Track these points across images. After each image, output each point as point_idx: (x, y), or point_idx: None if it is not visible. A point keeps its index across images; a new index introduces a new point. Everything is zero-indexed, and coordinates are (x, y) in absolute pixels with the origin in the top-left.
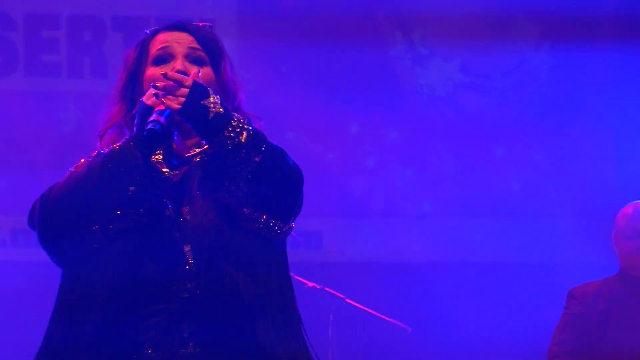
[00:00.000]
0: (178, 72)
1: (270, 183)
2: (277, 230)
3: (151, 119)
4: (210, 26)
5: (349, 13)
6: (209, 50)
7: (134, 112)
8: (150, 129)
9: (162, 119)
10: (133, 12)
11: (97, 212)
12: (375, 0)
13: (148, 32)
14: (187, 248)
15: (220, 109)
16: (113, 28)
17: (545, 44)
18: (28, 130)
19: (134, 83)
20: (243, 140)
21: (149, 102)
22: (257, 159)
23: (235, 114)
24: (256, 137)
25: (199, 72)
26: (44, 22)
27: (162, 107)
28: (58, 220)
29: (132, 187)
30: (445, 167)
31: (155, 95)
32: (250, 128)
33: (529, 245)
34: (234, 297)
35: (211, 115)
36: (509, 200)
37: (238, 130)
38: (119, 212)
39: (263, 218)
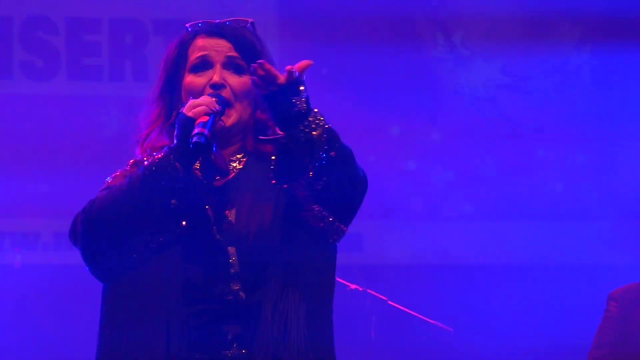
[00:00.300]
0: (215, 84)
1: (342, 182)
2: (339, 232)
3: (196, 131)
4: (251, 23)
5: (391, 15)
6: (248, 57)
7: (173, 119)
8: (196, 142)
9: (206, 132)
10: (174, 15)
11: (140, 225)
12: (417, 2)
13: (189, 28)
14: (231, 250)
15: (304, 104)
16: (154, 31)
17: (587, 45)
18: (70, 133)
19: (172, 87)
20: (319, 135)
21: (189, 114)
22: (332, 154)
23: (314, 109)
24: (332, 134)
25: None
26: (85, 26)
27: (204, 119)
28: (101, 235)
29: (174, 200)
30: (487, 168)
31: (217, 98)
32: (326, 124)
33: (571, 247)
34: (278, 299)
35: (295, 108)
36: (550, 202)
37: (314, 125)
38: (161, 225)
39: (330, 218)
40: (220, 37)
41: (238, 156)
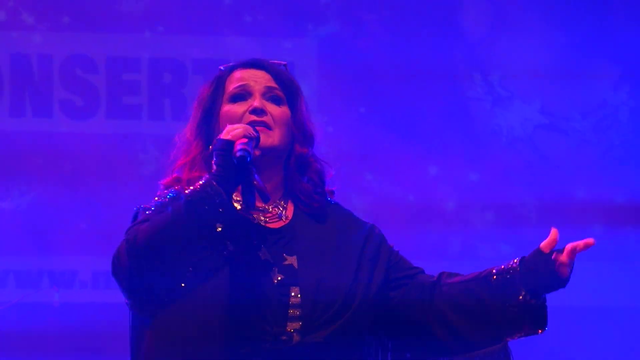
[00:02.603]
0: (256, 109)
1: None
2: None
3: (239, 147)
4: (284, 65)
5: (428, 54)
6: (286, 89)
7: (211, 149)
8: (241, 156)
9: (249, 148)
10: (213, 55)
11: (187, 252)
12: (454, 42)
13: (222, 68)
14: (294, 290)
15: None
16: (193, 71)
17: (625, 84)
18: (108, 171)
19: (209, 119)
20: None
21: (228, 137)
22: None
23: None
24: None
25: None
26: (125, 65)
27: (243, 141)
28: (148, 265)
29: (220, 225)
30: (526, 209)
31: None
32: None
33: (615, 289)
34: (342, 341)
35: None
36: (604, 243)
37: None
38: (208, 251)
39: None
40: (258, 68)
41: (282, 202)
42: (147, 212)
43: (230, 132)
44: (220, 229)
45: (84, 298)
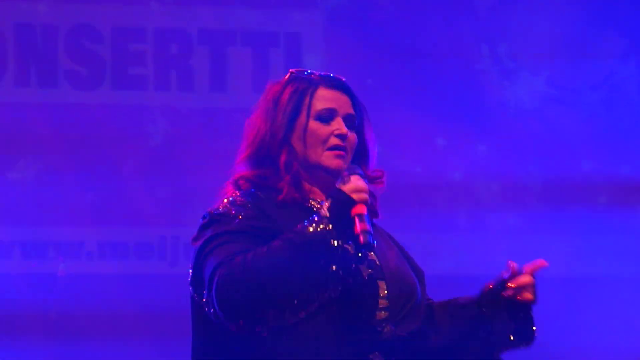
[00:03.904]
0: (342, 135)
1: None
2: None
3: (362, 229)
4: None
5: (436, 26)
6: (359, 114)
7: (296, 166)
8: (367, 243)
9: (370, 228)
10: (219, 26)
11: (301, 291)
12: (462, 14)
13: (297, 75)
14: (382, 284)
15: None
16: (199, 41)
17: (633, 58)
18: (114, 142)
19: (289, 127)
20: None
21: (353, 196)
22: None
23: None
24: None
25: None
26: (130, 35)
27: (364, 211)
28: (265, 298)
29: (334, 266)
30: (532, 180)
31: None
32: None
33: (617, 262)
34: (419, 333)
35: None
36: (595, 214)
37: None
38: (321, 291)
39: None
40: (342, 91)
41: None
42: (235, 221)
43: (357, 192)
44: (334, 268)
45: (90, 269)
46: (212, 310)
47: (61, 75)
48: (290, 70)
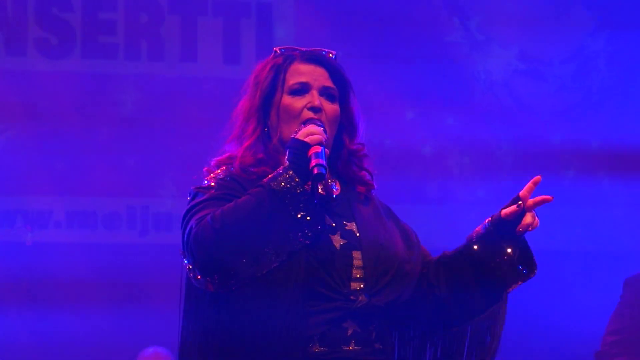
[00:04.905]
0: (314, 107)
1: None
2: None
3: (315, 162)
4: (335, 55)
5: None
6: (340, 87)
7: (275, 142)
8: (319, 173)
9: (324, 162)
10: None
11: (270, 239)
12: None
13: (279, 51)
14: (356, 254)
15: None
16: (169, 11)
17: (603, 31)
18: (84, 111)
19: (267, 105)
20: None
21: (306, 139)
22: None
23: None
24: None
25: None
26: (101, 4)
27: (318, 149)
28: (231, 250)
29: (301, 207)
30: (502, 153)
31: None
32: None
33: (586, 234)
34: (398, 302)
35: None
36: (564, 187)
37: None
38: (289, 237)
39: None
40: (318, 64)
41: (329, 181)
42: (212, 191)
43: (308, 135)
44: (300, 216)
45: (58, 238)
46: (191, 275)
47: (30, 43)
48: (275, 48)
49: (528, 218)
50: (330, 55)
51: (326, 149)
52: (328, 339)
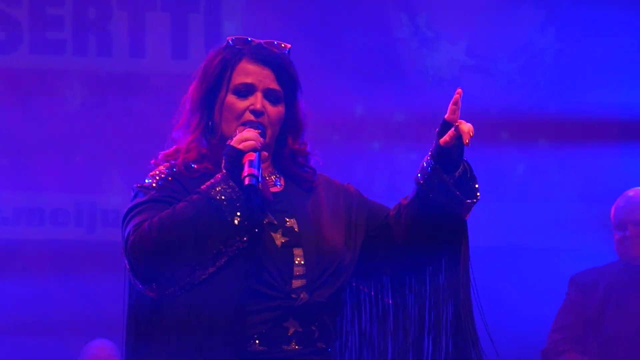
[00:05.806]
0: (256, 111)
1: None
2: None
3: (247, 173)
4: (289, 49)
5: None
6: (286, 89)
7: (215, 140)
8: (249, 184)
9: (256, 172)
10: None
11: (208, 247)
12: None
13: (231, 42)
14: (297, 252)
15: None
16: (118, 6)
17: (551, 26)
18: (31, 108)
19: (211, 100)
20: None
21: (239, 147)
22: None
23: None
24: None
25: None
26: None
27: (252, 156)
28: (171, 259)
29: (238, 214)
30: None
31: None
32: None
33: (533, 230)
34: (339, 300)
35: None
36: (512, 184)
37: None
38: (227, 241)
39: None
40: (265, 65)
41: (273, 177)
42: (152, 192)
43: (242, 142)
44: (237, 222)
45: (5, 235)
46: (132, 279)
47: None
48: (228, 37)
49: (464, 127)
50: (283, 46)
51: (263, 152)
52: (268, 338)
